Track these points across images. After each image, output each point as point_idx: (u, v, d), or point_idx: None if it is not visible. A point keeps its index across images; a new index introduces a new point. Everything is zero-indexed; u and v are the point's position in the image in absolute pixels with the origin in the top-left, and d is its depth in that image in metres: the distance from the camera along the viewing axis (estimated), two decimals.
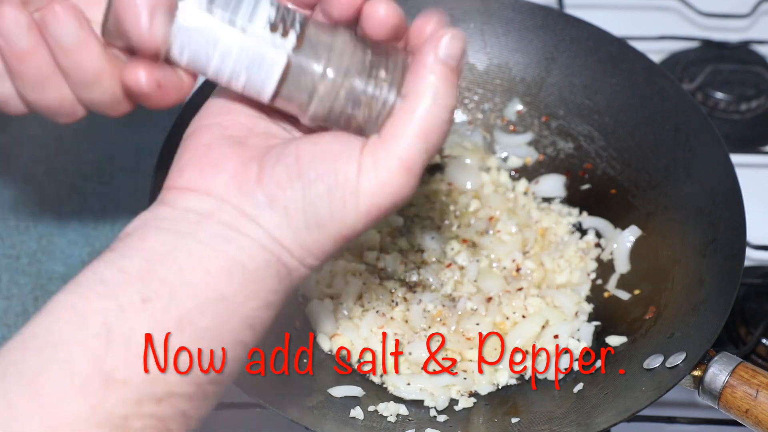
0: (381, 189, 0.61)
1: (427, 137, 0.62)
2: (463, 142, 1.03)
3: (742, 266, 0.83)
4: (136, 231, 0.61)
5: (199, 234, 0.61)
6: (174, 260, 0.59)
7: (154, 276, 0.59)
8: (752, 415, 0.76)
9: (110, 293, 0.58)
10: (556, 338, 0.89)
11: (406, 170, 0.62)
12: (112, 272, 0.59)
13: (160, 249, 0.60)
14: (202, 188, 0.62)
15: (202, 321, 0.59)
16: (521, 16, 1.02)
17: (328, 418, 0.81)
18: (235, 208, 0.61)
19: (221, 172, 0.62)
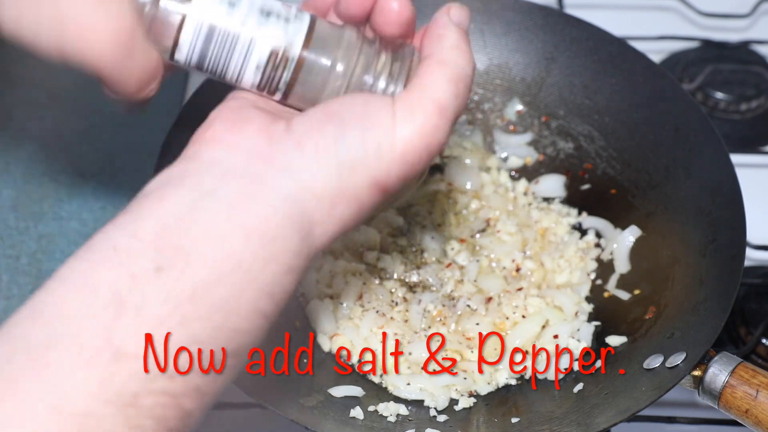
0: (416, 131, 0.61)
1: (457, 83, 0.62)
2: (463, 142, 1.03)
3: (742, 266, 0.83)
4: (155, 189, 0.59)
5: (221, 191, 0.58)
6: (190, 224, 0.57)
7: (169, 242, 0.56)
8: (752, 415, 0.76)
9: (122, 261, 0.55)
10: (556, 338, 0.90)
11: (441, 112, 0.61)
12: (125, 237, 0.56)
13: (175, 212, 0.57)
14: (229, 141, 0.61)
15: (217, 290, 0.56)
16: (521, 16, 1.02)
17: (328, 418, 0.81)
18: (262, 158, 0.60)
19: (249, 125, 0.61)
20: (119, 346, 0.53)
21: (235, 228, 0.57)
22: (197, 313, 0.55)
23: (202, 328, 0.56)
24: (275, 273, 0.58)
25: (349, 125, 0.60)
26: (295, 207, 0.59)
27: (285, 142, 0.60)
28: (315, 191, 0.60)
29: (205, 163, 0.60)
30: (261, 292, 0.58)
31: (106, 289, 0.54)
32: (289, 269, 0.59)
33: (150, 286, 0.55)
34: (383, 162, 0.61)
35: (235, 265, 0.57)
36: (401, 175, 0.62)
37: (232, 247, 0.57)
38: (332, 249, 0.95)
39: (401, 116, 0.61)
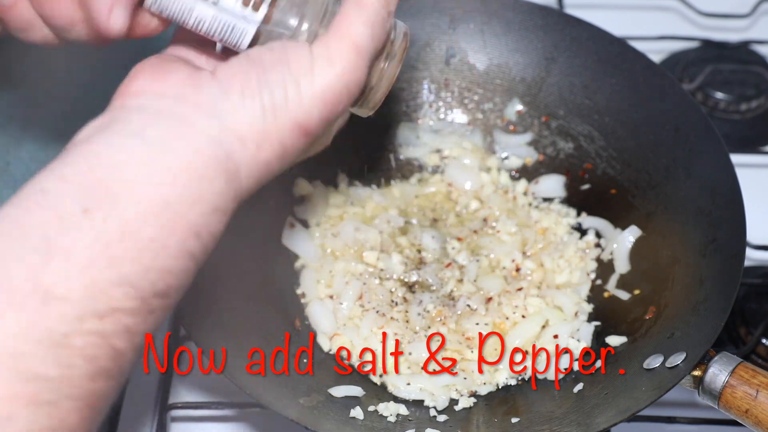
0: (333, 70, 0.63)
1: (372, 26, 0.64)
2: (463, 142, 1.03)
3: (742, 266, 0.83)
4: (83, 138, 0.60)
5: (148, 131, 0.60)
6: (118, 165, 0.58)
7: (97, 183, 0.57)
8: (752, 415, 0.76)
9: (50, 203, 0.56)
10: (556, 338, 0.89)
11: (356, 51, 0.64)
12: (53, 181, 0.57)
13: (104, 153, 0.58)
14: (155, 89, 0.62)
15: (146, 230, 0.57)
16: (521, 16, 1.02)
17: (328, 418, 0.81)
18: (189, 102, 0.61)
19: (173, 74, 0.63)
20: (48, 288, 0.54)
21: (163, 168, 0.59)
22: (126, 253, 0.56)
23: (132, 269, 0.56)
24: (202, 213, 0.59)
25: (270, 69, 0.62)
26: (221, 148, 0.61)
27: (210, 86, 0.62)
28: (240, 133, 0.61)
29: (132, 109, 0.61)
30: (188, 232, 0.59)
31: (35, 232, 0.55)
32: (215, 209, 0.60)
33: (78, 227, 0.56)
34: (304, 103, 0.63)
35: (162, 205, 0.58)
36: (322, 115, 0.64)
37: (160, 186, 0.58)
38: (332, 249, 0.95)
39: (319, 58, 0.63)
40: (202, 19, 0.65)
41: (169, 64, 0.64)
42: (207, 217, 0.60)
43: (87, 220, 0.56)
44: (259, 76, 0.62)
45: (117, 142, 0.59)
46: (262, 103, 0.62)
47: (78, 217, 0.56)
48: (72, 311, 0.54)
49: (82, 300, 0.55)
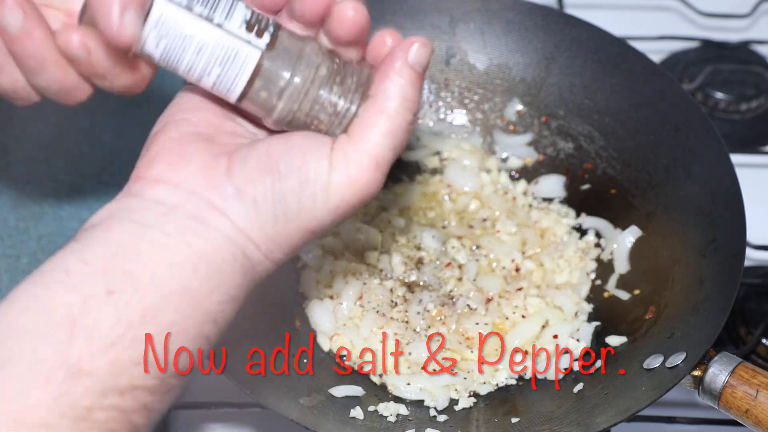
0: (351, 185, 0.63)
1: (395, 136, 0.64)
2: (462, 143, 1.03)
3: (742, 266, 0.83)
4: (101, 222, 0.61)
5: (165, 226, 0.61)
6: (138, 252, 0.60)
7: (118, 268, 0.59)
8: (752, 415, 0.76)
9: (74, 284, 0.58)
10: (555, 338, 0.90)
11: (376, 166, 0.63)
12: (76, 263, 0.59)
13: (124, 240, 0.60)
14: (171, 180, 0.63)
15: (166, 315, 0.59)
16: (521, 16, 1.02)
17: (328, 418, 0.81)
18: (204, 200, 0.62)
19: (190, 164, 0.63)
20: (74, 363, 0.56)
21: (183, 257, 0.60)
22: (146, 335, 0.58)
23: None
24: (220, 302, 0.62)
25: (286, 178, 0.62)
26: (236, 247, 0.62)
27: (224, 187, 0.62)
28: (252, 238, 0.63)
29: (147, 201, 0.62)
30: (206, 318, 0.61)
31: (59, 310, 0.57)
32: (232, 299, 0.63)
33: (101, 308, 0.57)
34: (317, 213, 0.63)
35: (182, 292, 0.60)
36: (333, 222, 0.65)
37: (180, 273, 0.60)
38: (332, 249, 0.95)
39: (337, 170, 0.63)
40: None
41: (186, 145, 0.64)
42: (224, 306, 0.62)
43: (110, 301, 0.58)
44: (274, 185, 0.62)
45: (136, 232, 0.60)
46: (275, 212, 0.63)
47: (102, 299, 0.58)
48: (96, 387, 0.56)
49: (105, 377, 0.57)
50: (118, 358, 0.57)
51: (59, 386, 0.55)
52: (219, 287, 0.62)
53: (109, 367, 0.57)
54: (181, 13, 0.63)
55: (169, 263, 0.60)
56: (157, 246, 0.60)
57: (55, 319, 0.57)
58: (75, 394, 0.56)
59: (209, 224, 0.62)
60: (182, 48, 0.63)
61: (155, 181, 0.63)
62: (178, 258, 0.60)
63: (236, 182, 0.62)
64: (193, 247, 0.61)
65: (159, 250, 0.60)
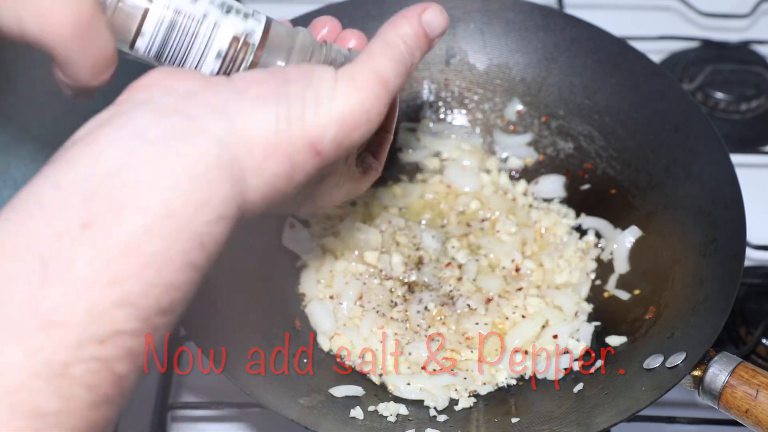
0: (357, 94, 0.61)
1: (398, 63, 0.63)
2: (462, 144, 1.03)
3: (742, 266, 0.83)
4: (84, 136, 0.57)
5: (152, 130, 0.56)
6: (120, 171, 0.55)
7: (96, 193, 0.54)
8: (752, 415, 0.76)
9: (47, 218, 0.53)
10: (555, 338, 0.90)
11: (381, 82, 0.62)
12: (50, 190, 0.54)
13: (103, 157, 0.55)
14: (166, 84, 0.60)
15: (149, 244, 0.54)
16: (521, 16, 1.02)
17: (328, 418, 0.81)
18: (198, 99, 0.58)
19: (187, 74, 0.61)
20: (46, 314, 0.51)
21: (166, 171, 0.55)
22: (128, 270, 0.53)
23: (134, 287, 0.53)
24: (207, 221, 0.56)
25: (291, 82, 0.60)
26: (227, 150, 0.58)
27: (224, 87, 0.60)
28: (249, 137, 0.58)
29: (137, 103, 0.58)
30: (193, 243, 0.56)
31: (31, 251, 0.52)
32: (220, 217, 0.57)
33: (77, 245, 0.52)
34: (320, 120, 0.60)
35: (166, 214, 0.54)
36: (336, 138, 0.61)
37: (163, 193, 0.55)
38: (332, 249, 0.95)
39: (343, 81, 0.62)
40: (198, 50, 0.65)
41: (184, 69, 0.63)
42: (211, 226, 0.57)
43: (87, 235, 0.53)
44: (278, 86, 0.60)
45: (118, 142, 0.56)
46: (277, 111, 0.59)
47: (77, 233, 0.53)
48: (71, 338, 0.51)
49: (81, 324, 0.52)
50: (96, 302, 0.52)
51: (31, 342, 0.50)
52: (206, 203, 0.56)
53: (86, 313, 0.52)
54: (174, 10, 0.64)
55: (153, 181, 0.55)
56: (141, 160, 0.55)
57: (25, 263, 0.52)
58: (49, 349, 0.51)
59: (200, 124, 0.57)
60: (176, 48, 0.64)
61: (147, 86, 0.60)
62: (160, 172, 0.55)
63: (238, 83, 0.60)
64: (178, 155, 0.56)
65: (142, 165, 0.55)
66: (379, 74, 0.62)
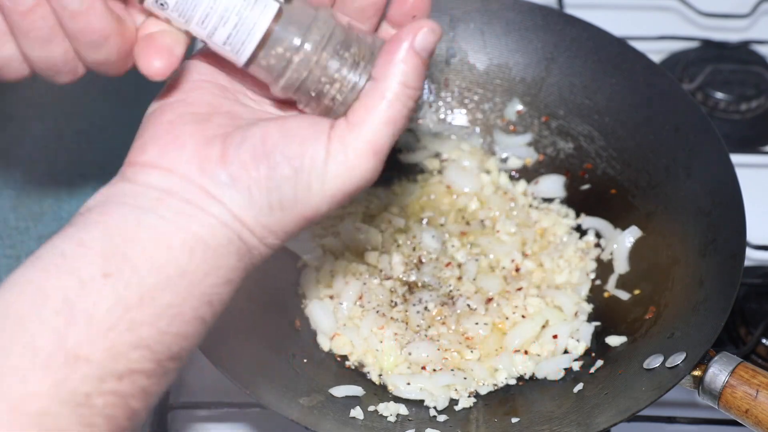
0: (348, 173, 0.62)
1: (394, 123, 0.63)
2: (462, 144, 1.03)
3: (742, 266, 0.83)
4: (96, 206, 0.61)
5: (161, 210, 0.61)
6: (135, 235, 0.60)
7: (115, 251, 0.59)
8: (752, 415, 0.76)
9: (70, 267, 0.58)
10: (555, 338, 0.90)
11: (374, 154, 0.63)
12: (72, 246, 0.59)
13: (120, 223, 0.60)
14: (164, 166, 0.62)
15: (164, 297, 0.59)
16: (521, 16, 1.02)
17: (328, 418, 0.81)
18: (198, 187, 0.62)
19: (183, 150, 0.62)
20: (72, 349, 0.56)
21: (179, 240, 0.60)
22: (144, 318, 0.58)
23: (149, 332, 0.58)
24: (215, 284, 0.62)
25: (281, 166, 0.61)
26: (232, 232, 0.62)
27: (218, 175, 0.62)
28: (247, 224, 0.62)
29: (141, 186, 0.62)
30: (202, 301, 0.61)
31: (56, 294, 0.57)
32: (228, 281, 0.63)
33: (99, 291, 0.57)
34: (313, 201, 0.63)
35: (179, 274, 0.60)
36: (330, 209, 0.64)
37: (176, 256, 0.60)
38: (332, 249, 0.95)
39: (334, 158, 0.62)
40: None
41: (180, 128, 0.63)
42: (219, 288, 0.62)
43: (108, 284, 0.57)
44: (269, 173, 0.62)
45: (132, 216, 0.60)
46: (270, 200, 0.62)
47: (99, 281, 0.57)
48: (94, 372, 0.56)
49: (103, 362, 0.56)
50: (116, 343, 0.57)
51: (58, 373, 0.55)
52: (215, 270, 0.61)
53: (107, 351, 0.56)
54: None
55: (167, 246, 0.60)
56: (154, 229, 0.60)
57: (51, 304, 0.56)
58: (74, 381, 0.55)
59: (204, 209, 0.61)
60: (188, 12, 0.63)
61: (149, 166, 0.62)
62: (175, 241, 0.60)
63: (230, 169, 0.62)
64: (190, 231, 0.61)
65: (156, 233, 0.60)
66: (372, 145, 0.63)
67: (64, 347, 0.55)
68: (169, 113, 0.64)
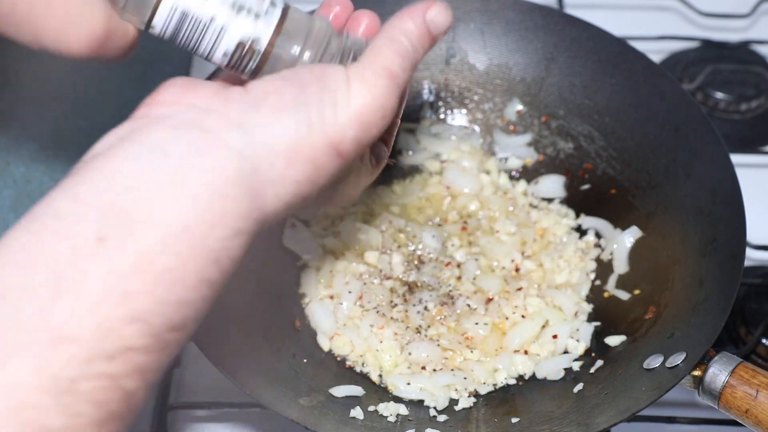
0: (370, 92, 0.62)
1: (404, 58, 0.64)
2: (462, 145, 1.03)
3: (742, 266, 0.83)
4: (102, 151, 0.57)
5: (171, 146, 0.56)
6: (137, 185, 0.55)
7: (113, 206, 0.54)
8: (752, 415, 0.76)
9: (63, 230, 0.53)
10: (555, 338, 0.90)
11: (391, 77, 0.63)
12: (67, 203, 0.54)
13: (123, 170, 0.55)
14: (183, 101, 0.60)
15: (162, 260, 0.53)
16: (521, 16, 1.02)
17: (328, 418, 0.81)
18: (217, 115, 0.59)
19: (204, 88, 0.61)
20: (57, 328, 0.51)
21: (184, 187, 0.55)
22: (140, 287, 0.53)
23: (146, 304, 0.53)
24: (223, 237, 0.56)
25: (307, 87, 0.61)
26: (247, 163, 0.57)
27: (241, 100, 0.60)
28: (270, 148, 0.58)
29: (156, 119, 0.58)
30: (208, 259, 0.55)
31: (45, 263, 0.52)
32: (237, 232, 0.57)
33: (90, 258, 0.52)
34: (339, 122, 0.61)
35: (181, 230, 0.54)
36: (356, 137, 0.62)
37: (180, 208, 0.55)
38: (332, 249, 0.95)
39: (355, 79, 0.62)
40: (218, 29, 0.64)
41: (200, 81, 0.62)
42: (228, 242, 0.56)
43: (101, 250, 0.52)
44: (294, 94, 0.60)
45: (137, 156, 0.56)
46: (297, 118, 0.59)
47: (92, 247, 0.52)
48: (80, 353, 0.51)
49: (91, 340, 0.51)
50: (107, 317, 0.51)
51: (41, 356, 0.50)
52: (222, 219, 0.56)
53: (96, 328, 0.51)
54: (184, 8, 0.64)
55: (170, 197, 0.55)
56: (158, 175, 0.55)
57: (39, 274, 0.51)
58: (58, 365, 0.50)
59: (219, 139, 0.57)
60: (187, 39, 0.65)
61: (165, 102, 0.60)
62: (178, 188, 0.55)
63: (253, 96, 0.60)
64: (197, 171, 0.56)
65: (159, 181, 0.55)
66: (388, 70, 0.63)
67: (48, 326, 0.50)
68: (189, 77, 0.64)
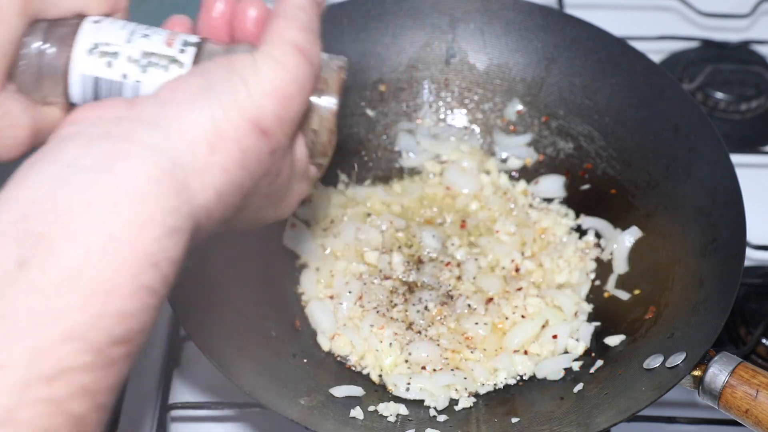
0: (281, 66, 0.60)
1: (306, 32, 0.63)
2: (461, 145, 1.03)
3: (742, 266, 0.83)
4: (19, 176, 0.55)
5: (83, 159, 0.54)
6: (51, 204, 0.52)
7: (30, 231, 0.51)
8: (752, 415, 0.76)
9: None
10: (555, 338, 0.90)
11: (299, 51, 0.62)
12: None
13: (36, 194, 0.53)
14: (91, 116, 0.58)
15: (89, 273, 0.51)
16: (521, 16, 1.02)
17: (328, 418, 0.81)
18: (130, 120, 0.56)
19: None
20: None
21: (100, 194, 0.52)
22: (70, 303, 0.50)
23: (78, 319, 0.50)
24: (155, 238, 0.53)
25: (213, 73, 0.59)
26: (165, 157, 0.55)
27: (149, 104, 0.58)
28: (187, 136, 0.56)
29: (65, 138, 0.56)
30: (142, 265, 0.52)
31: None
32: (171, 230, 0.54)
33: (13, 284, 0.50)
34: (255, 100, 0.59)
35: (106, 239, 0.51)
36: (277, 112, 0.60)
37: (101, 218, 0.52)
38: (333, 249, 0.95)
39: (263, 59, 0.61)
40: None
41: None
42: (162, 242, 0.53)
43: (23, 274, 0.50)
44: (201, 83, 0.59)
45: (51, 176, 0.53)
46: (210, 103, 0.58)
47: (13, 274, 0.50)
48: (15, 380, 0.48)
49: (25, 365, 0.48)
50: (39, 339, 0.49)
51: None
52: (151, 220, 0.53)
53: (28, 352, 0.48)
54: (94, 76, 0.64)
55: (86, 208, 0.52)
56: (72, 189, 0.53)
57: None
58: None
59: (133, 140, 0.55)
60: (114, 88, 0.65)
61: (77, 120, 0.58)
62: (95, 198, 0.52)
63: (160, 96, 0.58)
64: (114, 176, 0.53)
65: (73, 194, 0.52)
66: (293, 44, 0.62)
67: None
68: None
